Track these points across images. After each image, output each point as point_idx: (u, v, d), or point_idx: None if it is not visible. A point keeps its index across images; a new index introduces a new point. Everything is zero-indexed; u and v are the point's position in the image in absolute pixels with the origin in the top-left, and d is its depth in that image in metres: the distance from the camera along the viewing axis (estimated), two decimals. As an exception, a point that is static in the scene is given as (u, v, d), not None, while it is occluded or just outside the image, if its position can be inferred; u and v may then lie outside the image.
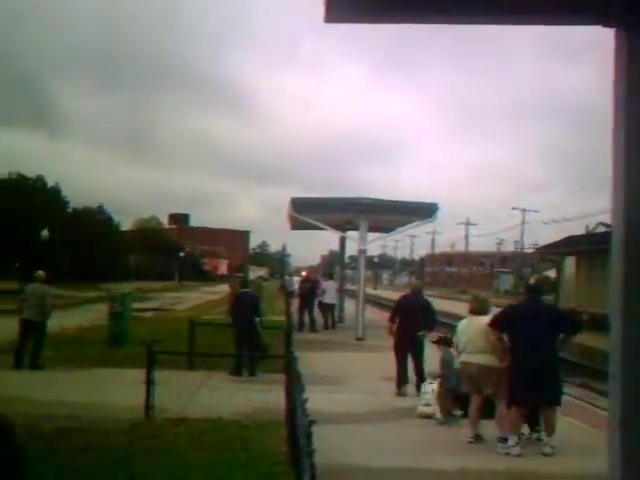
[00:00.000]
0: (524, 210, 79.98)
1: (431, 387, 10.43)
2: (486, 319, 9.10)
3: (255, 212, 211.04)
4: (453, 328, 10.79)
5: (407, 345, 12.09)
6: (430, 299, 13.56)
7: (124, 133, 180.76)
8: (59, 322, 22.60)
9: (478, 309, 9.41)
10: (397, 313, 12.73)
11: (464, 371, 9.14)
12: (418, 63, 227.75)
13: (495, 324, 8.71)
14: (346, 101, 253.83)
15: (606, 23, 1.77)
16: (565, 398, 10.53)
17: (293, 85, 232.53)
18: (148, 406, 9.54)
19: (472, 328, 9.05)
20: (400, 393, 11.95)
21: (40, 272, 15.10)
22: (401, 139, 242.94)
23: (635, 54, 1.74)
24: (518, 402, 8.46)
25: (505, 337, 8.70)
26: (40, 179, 58.14)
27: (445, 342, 10.37)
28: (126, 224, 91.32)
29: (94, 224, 61.94)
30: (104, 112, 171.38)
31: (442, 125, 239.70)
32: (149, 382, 9.58)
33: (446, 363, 10.14)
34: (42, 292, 14.63)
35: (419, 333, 12.17)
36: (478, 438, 8.82)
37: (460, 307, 35.88)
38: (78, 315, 27.01)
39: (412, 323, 12.13)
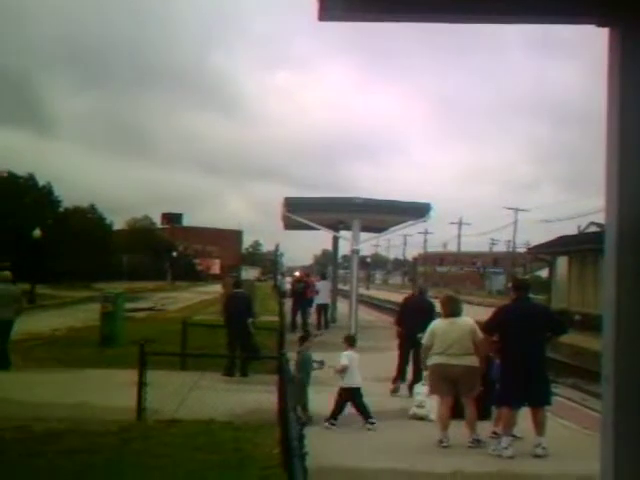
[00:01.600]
0: (516, 210, 79.96)
1: (424, 388, 10.41)
2: (470, 320, 9.09)
3: (248, 212, 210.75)
4: None
5: (411, 345, 12.08)
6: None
7: (116, 132, 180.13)
8: (50, 322, 22.58)
9: (454, 310, 9.21)
10: (403, 314, 12.77)
11: (443, 373, 8.90)
12: (409, 61, 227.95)
13: (488, 329, 8.67)
14: (338, 99, 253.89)
15: (600, 23, 1.78)
16: (557, 399, 10.56)
17: (285, 83, 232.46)
18: (140, 408, 9.51)
19: (457, 330, 8.87)
20: (394, 389, 12.01)
21: (6, 272, 15.18)
22: (392, 138, 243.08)
23: (629, 53, 1.74)
24: (510, 403, 8.45)
25: (495, 338, 8.68)
26: (31, 178, 57.86)
27: (302, 340, 10.84)
28: (119, 224, 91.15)
29: (86, 224, 61.61)
30: (94, 111, 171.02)
31: (433, 124, 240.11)
32: (141, 383, 9.54)
33: (301, 364, 10.33)
34: (7, 292, 14.61)
35: (419, 335, 12.20)
36: (445, 440, 8.64)
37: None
38: (70, 315, 26.94)
39: (416, 323, 12.18)
